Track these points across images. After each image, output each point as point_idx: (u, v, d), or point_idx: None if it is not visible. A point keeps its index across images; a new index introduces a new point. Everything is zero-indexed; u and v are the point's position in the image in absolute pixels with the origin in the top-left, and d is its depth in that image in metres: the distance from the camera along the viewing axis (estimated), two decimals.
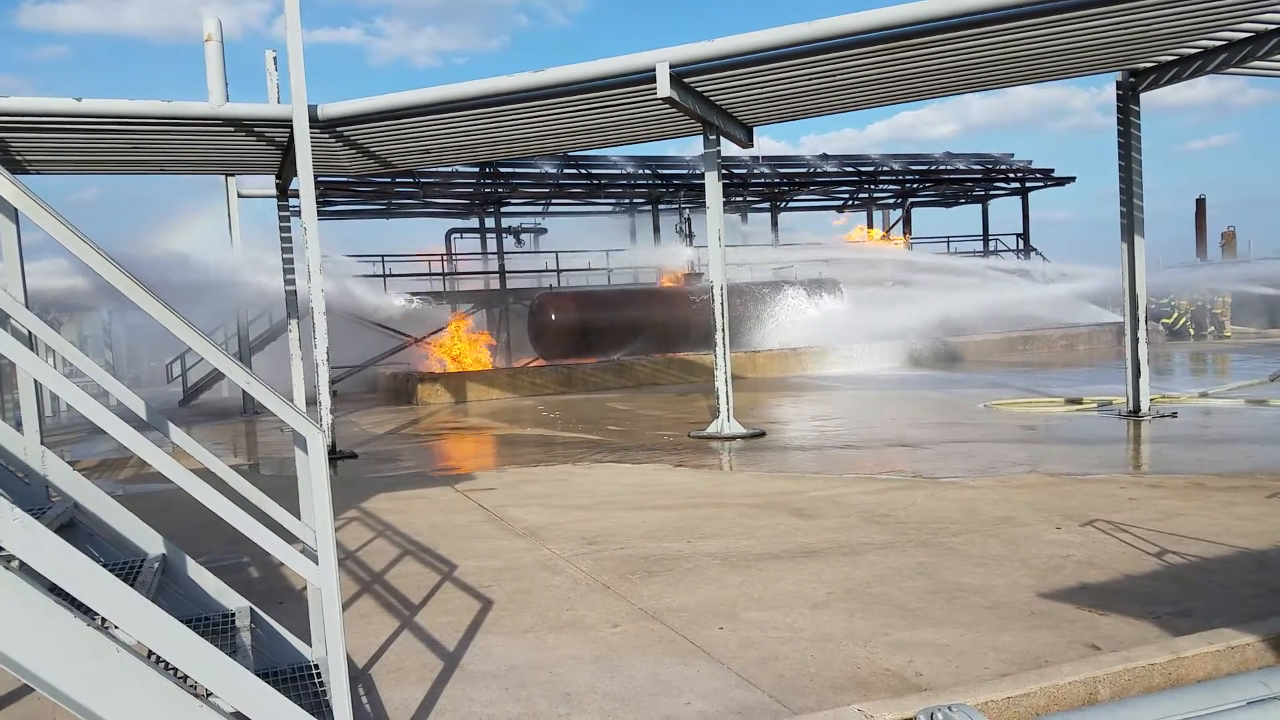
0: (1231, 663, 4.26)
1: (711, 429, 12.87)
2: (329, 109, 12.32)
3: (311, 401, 13.37)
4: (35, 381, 4.22)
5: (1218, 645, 4.30)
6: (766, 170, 28.58)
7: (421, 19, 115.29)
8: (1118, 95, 12.87)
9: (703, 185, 13.42)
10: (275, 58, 13.55)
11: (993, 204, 33.53)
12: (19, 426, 4.29)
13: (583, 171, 26.18)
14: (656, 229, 30.93)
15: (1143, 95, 12.79)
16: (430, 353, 24.54)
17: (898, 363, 24.06)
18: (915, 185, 31.29)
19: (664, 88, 11.22)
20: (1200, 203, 33.48)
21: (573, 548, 6.92)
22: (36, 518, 2.82)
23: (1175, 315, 29.49)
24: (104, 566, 2.93)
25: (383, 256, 25.91)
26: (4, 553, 2.71)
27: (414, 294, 25.19)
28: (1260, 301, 30.73)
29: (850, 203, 33.45)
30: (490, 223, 28.50)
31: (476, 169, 24.34)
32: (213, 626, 3.83)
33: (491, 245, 28.55)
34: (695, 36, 11.18)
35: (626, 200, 30.19)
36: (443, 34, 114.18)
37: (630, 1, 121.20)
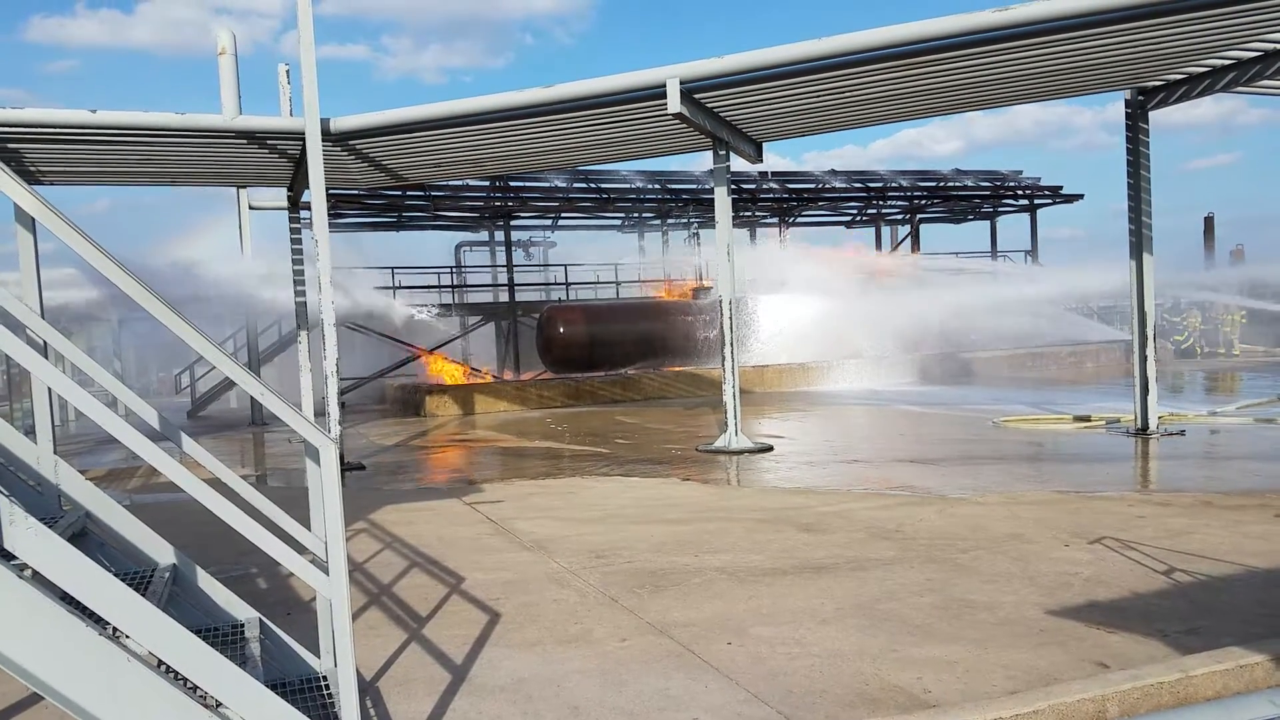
0: (1240, 682, 4.24)
1: (719, 443, 12.86)
2: (341, 122, 12.38)
3: (320, 413, 13.39)
4: (48, 390, 4.24)
5: (1226, 664, 4.28)
6: (775, 185, 28.57)
7: (427, 37, 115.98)
8: (1126, 113, 12.88)
9: (711, 200, 13.46)
10: (288, 71, 13.63)
11: (1001, 221, 33.48)
12: (30, 435, 4.32)
13: (592, 185, 26.21)
14: (666, 243, 30.97)
15: (1151, 113, 12.81)
16: (428, 365, 24.61)
17: (907, 378, 24.02)
18: (924, 202, 31.24)
19: (674, 103, 11.26)
20: (1208, 220, 33.32)
21: (580, 561, 6.92)
22: (49, 526, 2.84)
23: (1185, 334, 29.38)
24: (115, 576, 2.95)
25: (393, 269, 25.99)
26: (17, 561, 2.73)
27: (422, 305, 25.23)
28: (1269, 320, 30.59)
29: (859, 218, 33.45)
30: (500, 236, 28.55)
31: (487, 183, 24.40)
32: (222, 637, 3.84)
33: (501, 258, 28.59)
34: (698, 56, 11.23)
35: (636, 214, 30.23)
36: (449, 51, 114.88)
37: (634, 22, 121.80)
